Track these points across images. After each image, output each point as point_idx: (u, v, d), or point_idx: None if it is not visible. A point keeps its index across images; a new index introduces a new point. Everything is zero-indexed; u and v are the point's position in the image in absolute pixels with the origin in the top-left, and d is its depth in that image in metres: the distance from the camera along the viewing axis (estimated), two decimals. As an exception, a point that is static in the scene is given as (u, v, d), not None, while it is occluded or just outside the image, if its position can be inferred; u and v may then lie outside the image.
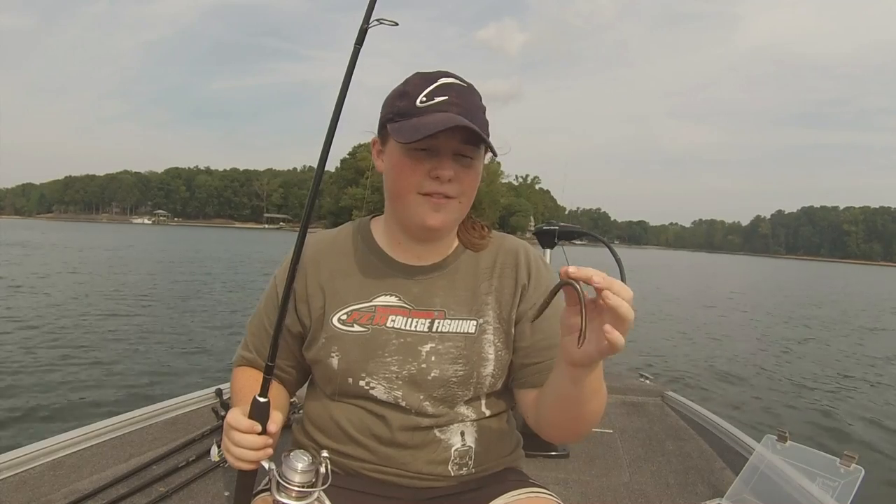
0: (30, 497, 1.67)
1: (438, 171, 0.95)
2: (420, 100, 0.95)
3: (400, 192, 0.99)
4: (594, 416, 0.95)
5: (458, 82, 0.99)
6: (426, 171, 0.96)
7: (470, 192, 1.00)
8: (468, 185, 0.99)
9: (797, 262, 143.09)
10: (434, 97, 0.95)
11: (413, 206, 0.98)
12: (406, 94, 0.97)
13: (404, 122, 0.95)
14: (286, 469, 0.86)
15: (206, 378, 5.81)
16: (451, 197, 0.98)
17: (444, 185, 0.96)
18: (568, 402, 0.90)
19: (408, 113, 0.95)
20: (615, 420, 2.91)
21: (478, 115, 0.97)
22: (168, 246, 36.31)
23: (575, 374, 0.83)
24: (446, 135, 0.93)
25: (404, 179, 0.97)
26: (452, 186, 0.97)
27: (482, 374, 1.02)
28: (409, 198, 0.98)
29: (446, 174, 0.95)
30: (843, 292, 29.39)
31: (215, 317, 10.19)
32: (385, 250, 1.08)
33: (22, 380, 5.57)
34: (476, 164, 1.00)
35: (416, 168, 0.96)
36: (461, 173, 0.97)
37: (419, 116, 0.94)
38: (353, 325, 1.02)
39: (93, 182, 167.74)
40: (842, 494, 1.85)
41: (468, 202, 1.02)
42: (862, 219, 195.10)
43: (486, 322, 1.04)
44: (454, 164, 0.96)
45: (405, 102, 0.97)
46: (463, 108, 0.95)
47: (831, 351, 10.42)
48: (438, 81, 0.97)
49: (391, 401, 1.01)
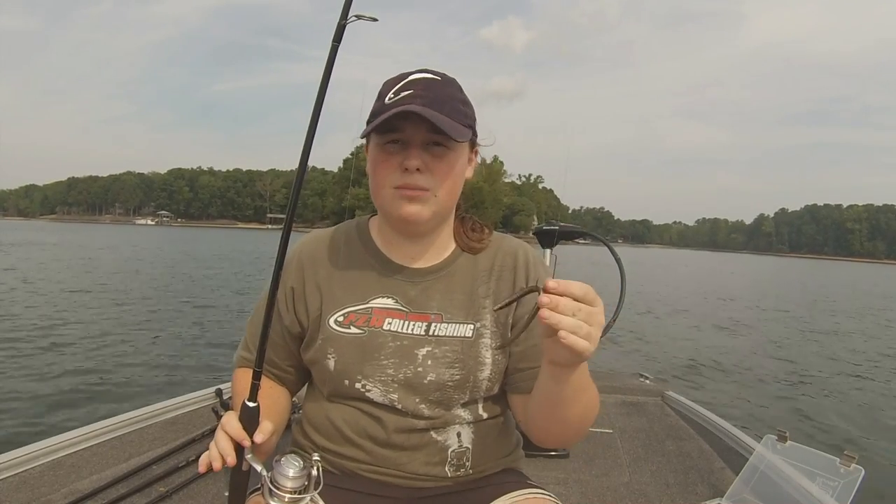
0: (30, 497, 1.67)
1: (406, 162, 0.95)
2: (388, 97, 0.96)
3: (376, 187, 1.00)
4: (581, 421, 0.94)
5: (429, 76, 0.99)
6: (397, 163, 0.96)
7: (446, 183, 0.99)
8: (442, 175, 0.98)
9: (801, 260, 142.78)
10: (401, 92, 0.96)
11: (389, 200, 0.98)
12: (380, 95, 0.98)
13: (373, 120, 0.96)
14: (277, 474, 0.86)
15: (206, 378, 5.82)
16: (425, 189, 0.97)
17: (414, 175, 0.95)
18: (553, 403, 0.90)
19: (378, 111, 0.96)
20: (615, 420, 2.91)
21: (448, 104, 0.96)
22: (170, 246, 36.36)
23: (556, 373, 0.84)
24: (413, 126, 0.94)
25: (378, 174, 0.98)
26: (423, 177, 0.96)
27: (479, 379, 1.01)
28: (385, 192, 0.98)
29: (412, 163, 0.94)
30: (845, 291, 29.29)
31: (216, 317, 10.21)
32: (382, 251, 1.08)
33: (22, 380, 5.59)
34: (450, 155, 0.98)
35: (388, 161, 0.97)
36: (432, 164, 0.96)
37: (384, 112, 0.94)
38: (350, 327, 1.02)
39: (96, 183, 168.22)
40: (842, 494, 1.85)
41: (448, 194, 1.00)
42: (865, 217, 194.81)
43: (483, 326, 1.03)
44: (423, 155, 0.96)
45: (378, 102, 0.98)
46: (428, 98, 0.94)
47: (831, 351, 10.39)
48: (408, 78, 0.98)
49: (387, 403, 1.00)
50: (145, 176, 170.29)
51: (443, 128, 0.91)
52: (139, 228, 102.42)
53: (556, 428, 0.96)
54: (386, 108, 0.94)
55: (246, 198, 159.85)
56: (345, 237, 1.11)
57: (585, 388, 0.90)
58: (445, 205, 1.01)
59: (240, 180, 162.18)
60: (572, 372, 0.83)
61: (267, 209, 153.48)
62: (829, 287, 32.57)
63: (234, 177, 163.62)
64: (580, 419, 0.94)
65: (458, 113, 0.97)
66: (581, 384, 0.88)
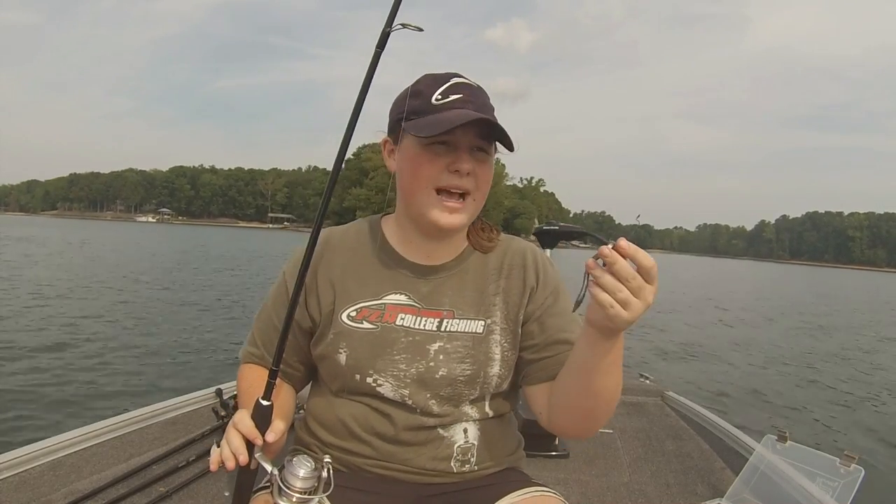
0: (30, 497, 1.68)
1: (458, 165, 0.97)
2: (435, 97, 0.98)
3: (415, 187, 1.00)
4: (612, 396, 0.94)
5: (469, 82, 1.02)
6: (444, 165, 0.98)
7: (485, 187, 1.03)
8: (483, 179, 1.02)
9: (801, 267, 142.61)
10: (449, 95, 0.98)
11: (426, 204, 1.00)
12: (420, 94, 1.00)
13: (421, 119, 0.97)
14: (288, 474, 0.86)
15: (206, 378, 5.81)
16: (468, 192, 1.00)
17: (463, 178, 0.98)
18: (586, 374, 0.90)
19: (424, 110, 0.98)
20: (615, 420, 2.91)
21: (489, 113, 0.99)
22: (171, 244, 36.40)
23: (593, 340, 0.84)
24: (463, 130, 0.96)
25: (421, 173, 0.99)
26: (469, 180, 0.99)
27: (489, 374, 1.03)
28: (424, 193, 0.99)
29: (465, 167, 0.97)
30: (845, 297, 29.30)
31: (216, 316, 10.22)
32: (396, 248, 1.09)
33: (22, 379, 5.59)
34: (490, 160, 1.02)
35: (435, 162, 0.98)
36: (478, 168, 0.99)
37: (436, 113, 0.96)
38: (363, 322, 1.03)
39: (97, 180, 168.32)
40: (842, 494, 1.85)
41: (482, 198, 1.04)
42: (866, 224, 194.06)
43: (493, 322, 1.05)
44: (471, 159, 0.99)
45: (420, 101, 0.99)
46: (476, 105, 0.98)
47: (831, 351, 10.40)
48: (451, 81, 1.00)
49: (398, 399, 1.01)
50: (147, 173, 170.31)
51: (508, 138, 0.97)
52: (140, 226, 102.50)
53: (588, 403, 0.95)
54: (436, 109, 0.97)
55: (247, 196, 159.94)
56: (358, 235, 1.13)
57: (618, 362, 0.90)
58: (479, 208, 1.05)
59: (241, 179, 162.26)
60: (609, 340, 0.83)
61: (268, 208, 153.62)
62: (829, 292, 32.61)
63: (235, 175, 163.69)
64: (611, 393, 0.93)
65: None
66: (616, 357, 0.88)
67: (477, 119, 0.94)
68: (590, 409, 0.97)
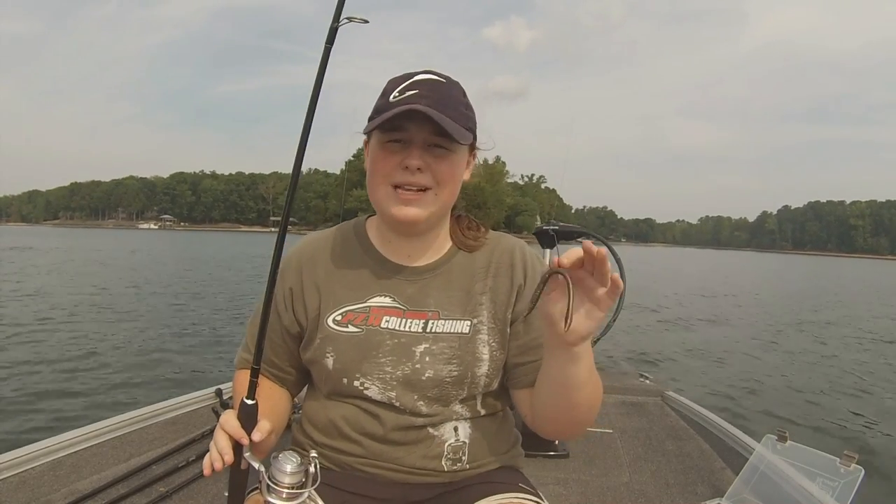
0: (30, 497, 1.68)
1: (407, 161, 0.97)
2: (393, 95, 0.97)
3: (374, 184, 1.01)
4: (590, 407, 0.95)
5: (433, 77, 1.00)
6: (397, 161, 0.97)
7: (447, 182, 1.00)
8: (443, 175, 0.99)
9: (804, 257, 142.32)
10: (406, 91, 0.97)
11: (385, 199, 1.00)
12: (385, 92, 1.00)
13: (377, 117, 0.97)
14: (275, 471, 0.87)
15: (206, 378, 5.82)
16: (426, 188, 0.99)
17: (415, 175, 0.97)
18: (562, 387, 0.92)
19: (382, 108, 0.97)
20: (615, 420, 2.91)
21: (452, 107, 0.98)
22: (173, 250, 36.43)
23: (576, 352, 0.88)
24: (417, 126, 0.95)
25: (377, 171, 0.99)
26: (424, 177, 0.97)
27: (476, 375, 1.02)
28: (382, 189, 0.99)
29: (413, 163, 0.96)
30: (849, 289, 29.19)
31: (216, 317, 10.23)
32: (379, 250, 1.09)
33: (22, 380, 5.60)
34: (452, 156, 1.00)
35: (388, 159, 0.98)
36: (434, 163, 0.98)
37: (389, 110, 0.95)
38: (348, 326, 1.03)
39: (98, 188, 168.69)
40: (842, 494, 1.85)
41: (448, 194, 1.02)
42: (868, 213, 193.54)
43: (480, 322, 1.04)
44: (425, 155, 0.97)
45: (382, 100, 0.99)
46: (433, 99, 0.96)
47: (831, 351, 10.36)
48: (414, 78, 0.99)
49: (385, 401, 1.01)
50: (148, 180, 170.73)
51: (447, 129, 0.93)
52: (142, 233, 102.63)
53: (567, 415, 0.97)
54: (390, 106, 0.95)
55: (249, 201, 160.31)
56: (342, 238, 1.12)
57: (593, 370, 0.93)
58: (444, 205, 1.02)
59: (242, 183, 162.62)
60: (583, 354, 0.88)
61: (270, 212, 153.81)
62: (830, 284, 32.50)
63: (236, 180, 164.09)
64: (590, 402, 0.95)
65: (461, 116, 0.99)
66: (591, 364, 0.91)
67: (426, 113, 0.92)
68: (570, 419, 0.98)
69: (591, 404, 0.96)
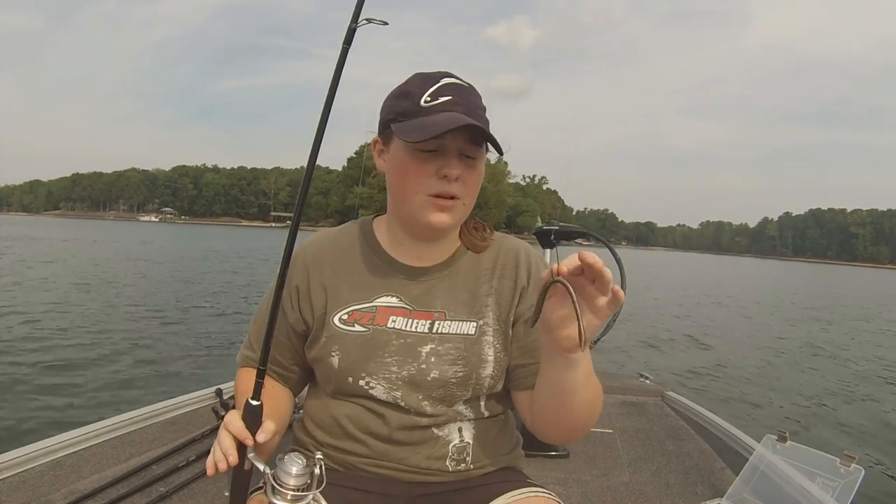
0: (30, 497, 1.68)
1: (446, 171, 0.95)
2: (424, 99, 0.96)
3: (406, 193, 0.99)
4: (589, 411, 0.95)
5: (460, 82, 1.00)
6: (433, 170, 0.96)
7: (473, 191, 1.02)
8: (472, 184, 1.00)
9: (804, 264, 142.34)
10: (438, 97, 0.96)
11: (419, 208, 0.99)
12: (409, 94, 0.98)
13: (408, 122, 0.96)
14: (280, 472, 0.86)
15: (206, 378, 5.80)
16: (457, 197, 0.99)
17: (452, 184, 0.97)
18: (560, 392, 0.92)
19: (412, 113, 0.96)
20: (615, 420, 2.91)
21: (479, 115, 0.98)
22: (173, 244, 36.43)
23: (572, 359, 0.87)
24: (452, 134, 0.94)
25: (411, 180, 0.98)
26: (458, 186, 0.98)
27: (481, 376, 1.02)
28: (416, 199, 0.98)
29: (454, 173, 0.96)
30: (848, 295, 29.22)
31: (217, 316, 10.23)
32: (387, 250, 1.09)
33: (22, 379, 5.60)
34: (479, 165, 1.01)
35: (423, 168, 0.96)
36: (466, 173, 0.98)
37: (424, 116, 0.94)
38: (354, 325, 1.03)
39: (100, 179, 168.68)
40: (842, 494, 1.85)
41: (471, 202, 1.03)
42: (869, 221, 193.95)
43: (485, 324, 1.04)
44: (460, 164, 0.97)
45: (408, 102, 0.97)
46: (466, 107, 0.96)
47: (831, 351, 10.38)
48: (441, 81, 0.98)
49: (390, 400, 1.01)
50: (149, 173, 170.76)
51: (497, 144, 0.96)
52: (143, 225, 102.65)
53: (566, 420, 0.97)
54: (424, 112, 0.95)
55: (250, 196, 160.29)
56: (349, 237, 1.12)
57: (591, 373, 0.92)
58: (468, 212, 1.04)
59: (244, 178, 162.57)
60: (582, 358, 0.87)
61: (271, 207, 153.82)
62: (831, 290, 32.52)
63: (238, 174, 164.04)
64: (589, 407, 0.95)
65: (486, 124, 0.99)
66: (589, 368, 0.91)
67: (476, 126, 0.92)
68: (568, 424, 0.98)
69: (590, 409, 0.95)
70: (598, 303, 0.80)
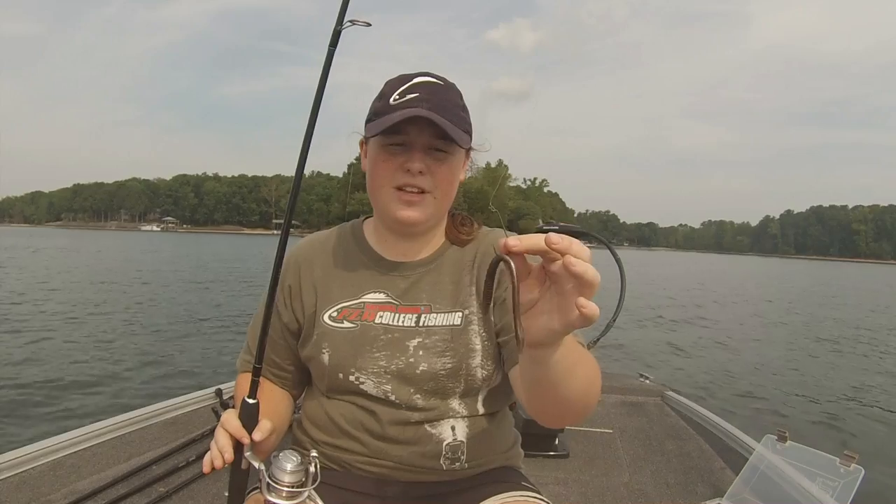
0: (30, 497, 1.68)
1: (409, 164, 0.98)
2: (393, 98, 0.98)
3: (375, 186, 1.03)
4: (585, 396, 0.84)
5: (433, 80, 1.02)
6: (399, 164, 0.99)
7: (445, 185, 1.02)
8: (442, 178, 1.01)
9: (806, 262, 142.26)
10: (406, 95, 0.98)
11: (387, 201, 1.02)
12: (383, 95, 1.01)
13: (377, 119, 0.99)
14: (275, 469, 0.87)
15: (206, 378, 5.85)
16: (426, 191, 1.00)
17: (416, 177, 0.99)
18: (541, 385, 0.78)
19: (382, 111, 0.99)
20: (615, 420, 2.91)
21: (451, 111, 0.99)
22: (174, 251, 36.49)
23: (537, 355, 0.70)
24: (418, 129, 0.96)
25: (379, 173, 1.01)
26: (425, 179, 1.00)
27: (471, 366, 1.02)
28: (384, 191, 1.01)
29: (416, 166, 0.98)
30: (850, 293, 29.14)
31: (217, 317, 10.26)
32: (374, 248, 1.11)
33: (22, 380, 5.62)
34: (450, 159, 1.02)
35: (390, 161, 1.00)
36: (434, 167, 1.00)
37: (390, 113, 0.97)
38: (343, 322, 1.05)
39: (101, 189, 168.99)
40: (842, 494, 1.85)
41: (445, 196, 1.04)
42: (871, 217, 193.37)
43: (471, 313, 1.05)
44: (426, 158, 0.99)
45: (381, 102, 1.00)
46: (433, 103, 0.97)
47: (831, 351, 10.35)
48: (413, 80, 1.00)
49: (381, 395, 1.02)
50: (150, 182, 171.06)
51: (451, 135, 0.94)
52: (145, 235, 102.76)
53: (555, 409, 0.87)
54: (391, 109, 0.97)
55: (251, 203, 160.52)
56: (340, 238, 1.14)
57: (578, 360, 0.79)
58: (443, 206, 1.05)
59: (245, 186, 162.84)
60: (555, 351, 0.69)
61: (272, 215, 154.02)
62: (832, 287, 32.45)
63: (239, 182, 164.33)
64: (582, 394, 0.82)
65: (459, 119, 1.00)
66: (574, 358, 0.77)
67: (430, 118, 0.93)
68: (559, 413, 0.90)
69: (581, 396, 0.83)
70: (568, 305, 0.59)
